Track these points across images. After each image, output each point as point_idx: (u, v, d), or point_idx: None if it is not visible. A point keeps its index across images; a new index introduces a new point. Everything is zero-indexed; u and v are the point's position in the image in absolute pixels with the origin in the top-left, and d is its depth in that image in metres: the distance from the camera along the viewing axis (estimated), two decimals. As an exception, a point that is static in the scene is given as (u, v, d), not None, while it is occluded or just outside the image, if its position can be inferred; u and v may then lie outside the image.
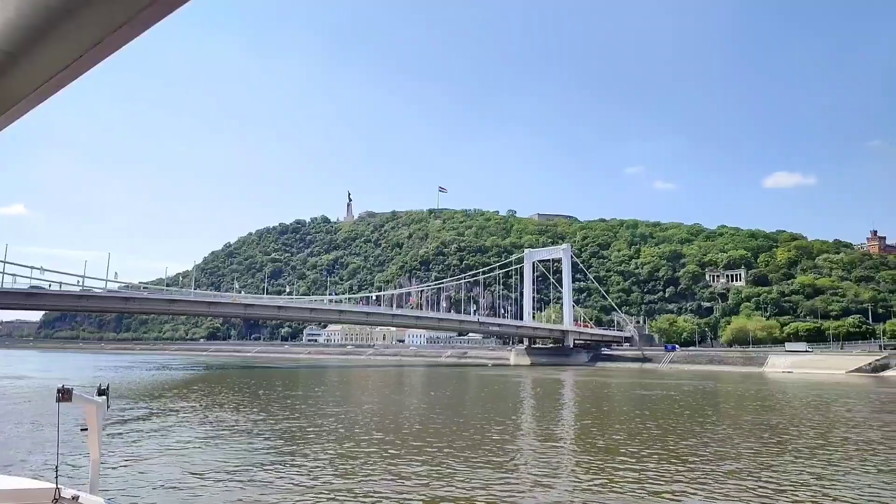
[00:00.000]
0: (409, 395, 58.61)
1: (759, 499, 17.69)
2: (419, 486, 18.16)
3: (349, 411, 39.57)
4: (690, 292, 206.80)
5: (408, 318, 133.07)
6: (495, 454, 23.62)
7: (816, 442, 29.31)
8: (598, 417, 40.44)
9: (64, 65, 3.12)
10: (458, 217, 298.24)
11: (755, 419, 39.97)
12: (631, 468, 21.50)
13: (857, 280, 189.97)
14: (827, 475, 21.14)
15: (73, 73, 3.19)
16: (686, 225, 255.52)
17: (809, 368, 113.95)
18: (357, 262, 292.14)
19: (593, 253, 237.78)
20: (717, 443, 28.37)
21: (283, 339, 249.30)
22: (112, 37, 2.83)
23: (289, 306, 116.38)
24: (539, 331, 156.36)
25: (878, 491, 18.91)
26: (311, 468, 20.39)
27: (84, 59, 3.04)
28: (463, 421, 34.74)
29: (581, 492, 17.78)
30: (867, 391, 70.84)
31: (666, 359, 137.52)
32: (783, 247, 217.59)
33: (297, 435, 27.82)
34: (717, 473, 21.06)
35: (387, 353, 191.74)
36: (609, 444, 27.42)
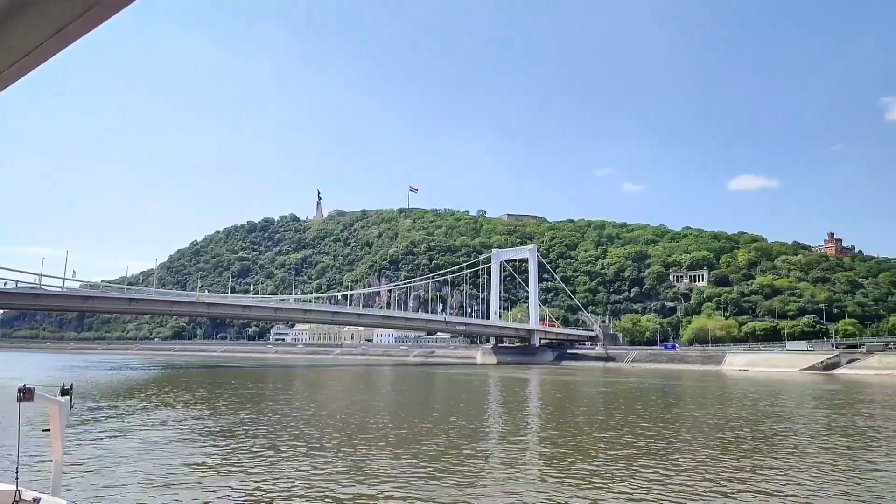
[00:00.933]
0: (374, 394, 58.89)
1: (703, 492, 18.61)
2: (385, 485, 18.34)
3: (312, 412, 39.65)
4: (655, 292, 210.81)
5: (374, 317, 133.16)
6: (457, 456, 24.09)
7: (753, 438, 30.62)
8: (560, 417, 41.39)
9: (24, 53, 3.02)
10: (428, 217, 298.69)
11: (705, 415, 41.43)
12: (588, 466, 22.20)
13: (814, 281, 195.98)
14: (766, 471, 22.26)
15: (34, 61, 3.08)
16: (652, 226, 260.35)
17: (764, 367, 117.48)
18: (326, 261, 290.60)
19: (561, 253, 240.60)
20: (668, 439, 29.43)
21: (250, 338, 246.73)
22: (74, 25, 2.75)
23: (253, 305, 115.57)
24: (505, 330, 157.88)
25: (795, 480, 20.06)
26: (274, 469, 20.43)
27: (45, 46, 2.93)
28: (427, 421, 35.21)
29: (543, 491, 18.28)
30: (815, 388, 73.50)
31: (629, 358, 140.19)
32: (744, 248, 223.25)
33: (259, 435, 27.91)
34: (664, 467, 21.99)
35: (354, 353, 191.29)
36: (569, 442, 28.24)
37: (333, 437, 27.65)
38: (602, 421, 37.99)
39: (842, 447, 27.83)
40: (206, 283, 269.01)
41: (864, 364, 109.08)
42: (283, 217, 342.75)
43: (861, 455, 25.81)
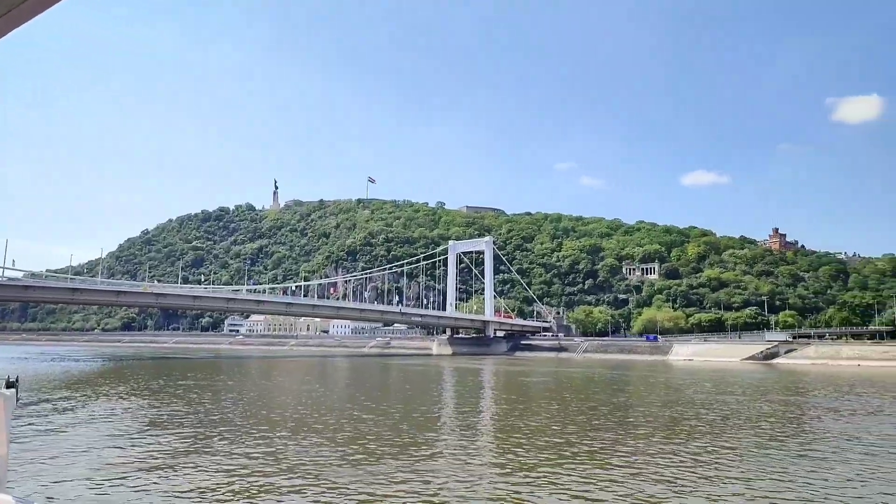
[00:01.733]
0: (325, 386, 58.82)
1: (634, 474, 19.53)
2: (335, 479, 18.15)
3: (259, 404, 39.27)
4: (608, 284, 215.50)
5: (329, 308, 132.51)
6: (405, 445, 24.37)
7: (689, 424, 32.06)
8: (509, 407, 42.31)
9: None
10: (386, 208, 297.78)
11: (643, 403, 43.02)
12: (532, 455, 22.83)
13: (758, 274, 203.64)
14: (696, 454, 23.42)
15: None
16: (607, 220, 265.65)
17: (708, 356, 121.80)
18: (282, 251, 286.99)
19: (518, 245, 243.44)
20: (613, 428, 30.53)
21: (203, 329, 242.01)
22: (22, 7, 2.66)
23: (205, 296, 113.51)
24: (461, 321, 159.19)
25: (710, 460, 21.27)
26: (215, 462, 20.13)
27: None
28: (376, 412, 35.42)
29: (494, 482, 18.44)
30: (750, 376, 76.76)
31: (580, 348, 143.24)
32: (694, 242, 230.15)
33: (201, 429, 27.54)
34: (608, 454, 22.91)
35: (310, 344, 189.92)
36: (517, 432, 28.90)
37: (279, 429, 27.44)
38: (549, 410, 39.08)
39: (748, 428, 29.45)
40: (158, 274, 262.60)
41: (801, 354, 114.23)
42: (239, 206, 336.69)
43: (759, 438, 27.37)
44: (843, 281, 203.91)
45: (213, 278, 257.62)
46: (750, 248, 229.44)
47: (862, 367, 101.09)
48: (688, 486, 18.01)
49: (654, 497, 16.90)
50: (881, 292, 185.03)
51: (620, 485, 18.05)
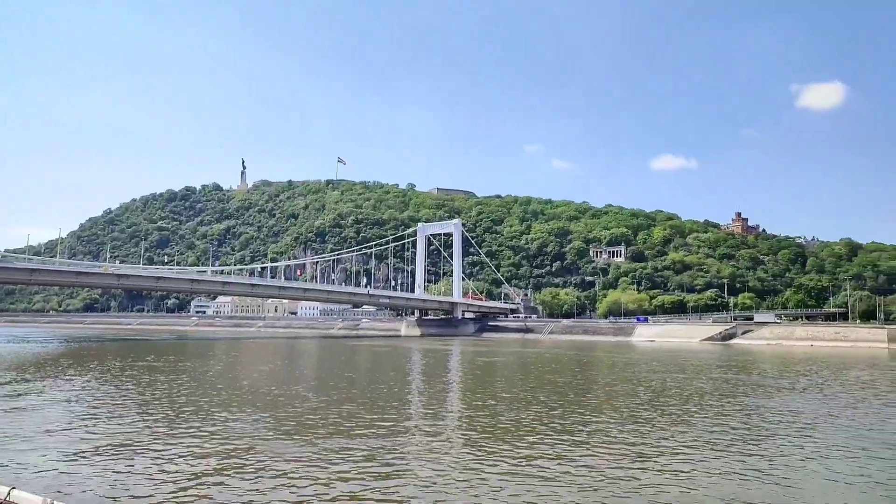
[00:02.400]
0: (290, 368, 58.86)
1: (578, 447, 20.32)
2: (301, 465, 17.86)
3: (220, 387, 38.83)
4: (575, 267, 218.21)
5: (296, 290, 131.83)
6: (374, 424, 24.69)
7: (649, 403, 33.22)
8: (474, 386, 43.14)
9: None
10: (356, 189, 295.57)
11: (605, 380, 44.27)
12: (497, 435, 23.44)
13: (721, 257, 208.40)
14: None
15: None
16: (575, 203, 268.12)
17: (669, 337, 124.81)
18: (250, 232, 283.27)
19: (487, 228, 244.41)
20: (573, 408, 31.45)
21: (169, 310, 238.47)
22: None
23: (168, 277, 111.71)
24: (429, 303, 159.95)
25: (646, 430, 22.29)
26: (175, 446, 19.84)
27: None
28: (342, 394, 35.63)
29: (461, 461, 18.77)
30: (708, 355, 79.18)
31: (546, 330, 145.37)
32: (660, 226, 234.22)
33: (158, 412, 27.11)
34: (572, 432, 23.72)
35: (278, 326, 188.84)
36: (481, 413, 29.58)
37: (241, 413, 27.00)
38: (509, 389, 39.98)
39: (682, 403, 30.76)
40: (122, 254, 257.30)
41: (756, 335, 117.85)
42: (206, 186, 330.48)
43: (684, 412, 28.65)
44: (801, 264, 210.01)
45: (178, 259, 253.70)
46: (713, 231, 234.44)
47: (814, 347, 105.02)
48: (641, 460, 18.94)
49: (598, 468, 17.74)
50: (837, 275, 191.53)
51: (572, 461, 18.84)
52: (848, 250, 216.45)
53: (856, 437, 23.37)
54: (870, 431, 24.87)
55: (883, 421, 27.84)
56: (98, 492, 14.86)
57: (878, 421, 27.76)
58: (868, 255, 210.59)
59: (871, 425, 26.43)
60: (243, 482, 15.87)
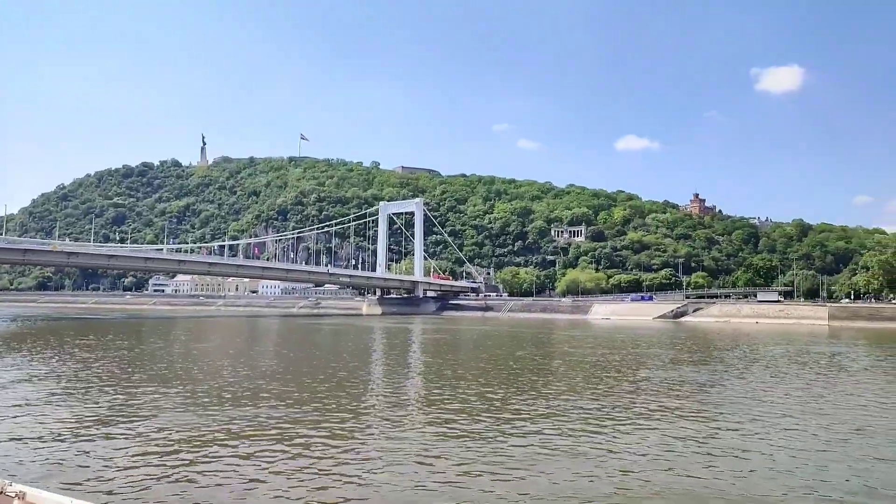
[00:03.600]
0: (247, 345, 58.56)
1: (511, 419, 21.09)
2: (254, 439, 17.81)
3: (166, 365, 38.51)
4: (537, 246, 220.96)
5: (254, 268, 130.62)
6: (331, 400, 24.88)
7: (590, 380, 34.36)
8: (428, 362, 43.82)
9: None
10: (319, 166, 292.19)
11: (553, 356, 45.52)
12: (454, 408, 24.05)
13: (678, 237, 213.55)
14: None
15: None
16: (539, 183, 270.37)
17: (624, 315, 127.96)
18: (210, 209, 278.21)
19: (451, 207, 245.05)
20: (526, 382, 32.34)
21: (126, 289, 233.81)
22: None
23: (120, 255, 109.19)
24: (390, 282, 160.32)
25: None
26: (124, 429, 19.21)
27: None
28: (303, 371, 35.71)
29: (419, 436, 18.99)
30: (657, 331, 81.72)
31: (505, 308, 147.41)
32: (620, 206, 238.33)
33: (118, 394, 26.25)
34: (528, 405, 24.48)
35: (238, 304, 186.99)
36: (434, 387, 30.23)
37: (192, 393, 26.28)
38: (463, 365, 40.84)
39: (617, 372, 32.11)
40: (76, 231, 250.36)
41: (706, 312, 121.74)
42: (164, 162, 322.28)
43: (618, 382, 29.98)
44: (753, 244, 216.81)
45: (136, 237, 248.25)
46: (672, 212, 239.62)
47: (760, 324, 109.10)
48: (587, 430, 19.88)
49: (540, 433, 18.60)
50: (787, 255, 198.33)
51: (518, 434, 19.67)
52: (798, 231, 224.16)
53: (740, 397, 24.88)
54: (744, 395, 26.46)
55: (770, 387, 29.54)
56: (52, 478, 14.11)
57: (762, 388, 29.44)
58: (817, 236, 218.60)
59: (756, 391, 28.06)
60: (189, 464, 15.50)
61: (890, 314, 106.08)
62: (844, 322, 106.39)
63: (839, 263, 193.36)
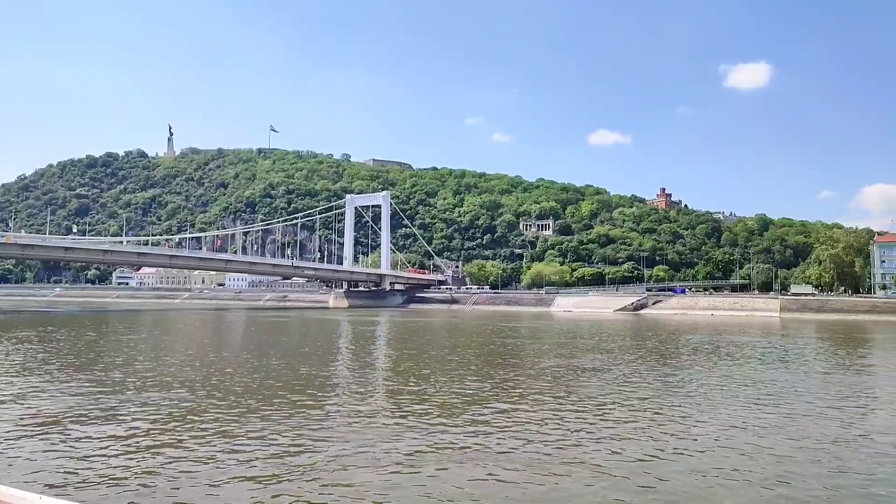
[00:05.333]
0: (214, 340, 58.29)
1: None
2: (216, 431, 17.76)
3: (121, 360, 38.04)
4: (505, 240, 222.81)
5: (218, 261, 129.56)
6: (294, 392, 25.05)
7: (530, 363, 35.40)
8: (389, 354, 44.41)
9: None
10: (289, 158, 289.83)
11: (513, 345, 46.54)
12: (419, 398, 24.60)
13: (643, 231, 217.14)
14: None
15: None
16: (509, 176, 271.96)
17: (586, 308, 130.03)
18: (177, 201, 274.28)
19: (421, 200, 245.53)
20: (489, 372, 33.10)
21: (90, 281, 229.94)
22: None
23: (77, 248, 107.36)
24: (357, 275, 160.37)
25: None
26: (94, 430, 18.40)
27: None
28: (255, 364, 35.60)
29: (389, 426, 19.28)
30: (614, 323, 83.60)
31: (471, 300, 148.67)
32: (588, 200, 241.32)
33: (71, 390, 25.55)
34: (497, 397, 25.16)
35: (204, 297, 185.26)
36: (394, 378, 30.61)
37: (153, 388, 25.63)
38: (420, 356, 41.54)
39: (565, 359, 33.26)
40: (38, 223, 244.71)
41: (665, 305, 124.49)
42: (129, 152, 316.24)
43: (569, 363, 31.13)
44: (716, 238, 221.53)
45: (100, 229, 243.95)
46: (639, 206, 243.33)
47: (715, 315, 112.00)
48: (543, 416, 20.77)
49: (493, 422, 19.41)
50: (748, 249, 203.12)
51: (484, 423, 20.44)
52: (760, 225, 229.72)
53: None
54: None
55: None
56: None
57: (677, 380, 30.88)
58: (777, 231, 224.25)
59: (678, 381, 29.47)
60: (151, 458, 15.23)
61: (837, 306, 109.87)
62: (795, 314, 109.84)
63: (798, 257, 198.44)
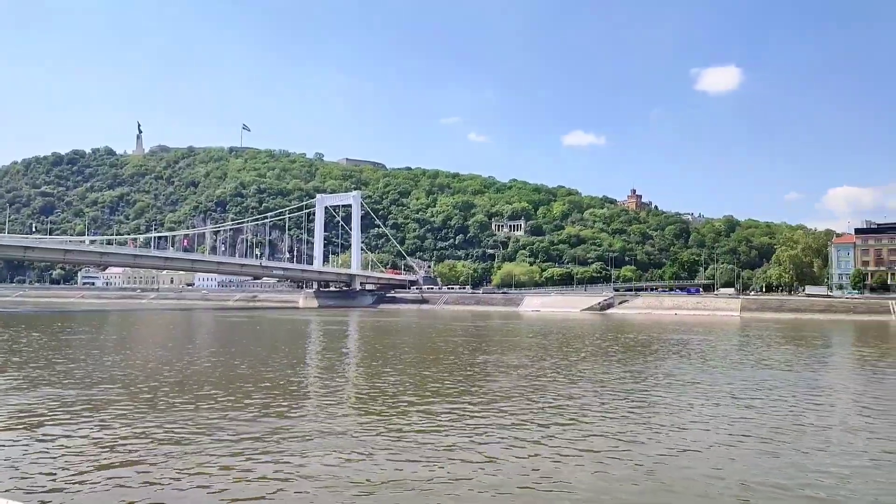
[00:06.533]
0: (182, 341, 57.58)
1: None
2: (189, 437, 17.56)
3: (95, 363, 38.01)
4: (477, 240, 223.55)
5: (183, 261, 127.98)
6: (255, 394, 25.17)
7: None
8: (356, 354, 44.38)
9: None
10: (261, 157, 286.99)
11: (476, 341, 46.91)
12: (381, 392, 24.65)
13: (613, 232, 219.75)
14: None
15: None
16: (482, 177, 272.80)
17: (554, 307, 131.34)
18: (146, 199, 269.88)
19: (394, 200, 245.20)
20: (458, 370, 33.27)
21: (55, 281, 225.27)
22: None
23: (36, 247, 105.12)
24: (326, 274, 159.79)
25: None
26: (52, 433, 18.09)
27: None
28: (208, 365, 35.57)
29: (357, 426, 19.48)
30: (580, 322, 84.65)
31: (441, 300, 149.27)
32: (560, 201, 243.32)
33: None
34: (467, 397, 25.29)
35: (171, 297, 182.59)
36: (362, 376, 30.65)
37: (111, 392, 25.04)
38: (383, 356, 41.65)
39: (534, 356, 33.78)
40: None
41: (630, 305, 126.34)
42: (97, 150, 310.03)
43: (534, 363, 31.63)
44: (685, 239, 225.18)
45: (65, 227, 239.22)
46: (609, 207, 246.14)
47: (678, 315, 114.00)
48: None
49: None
50: (715, 250, 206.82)
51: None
52: (727, 226, 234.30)
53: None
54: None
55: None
56: None
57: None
58: (744, 232, 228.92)
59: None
60: (112, 465, 15.01)
61: (795, 305, 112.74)
62: (755, 313, 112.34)
63: (763, 258, 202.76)
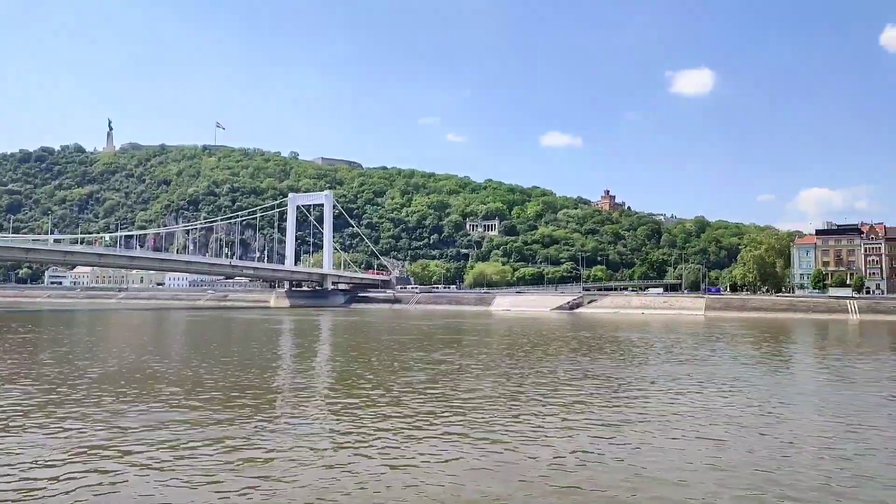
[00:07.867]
0: (144, 342, 56.85)
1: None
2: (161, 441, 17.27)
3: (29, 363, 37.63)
4: (452, 240, 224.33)
5: (150, 260, 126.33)
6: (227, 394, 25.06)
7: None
8: (326, 354, 44.41)
9: None
10: (235, 156, 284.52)
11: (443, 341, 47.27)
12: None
13: (586, 232, 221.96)
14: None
15: None
16: (457, 177, 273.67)
17: (524, 307, 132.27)
18: (116, 198, 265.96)
19: (369, 200, 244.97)
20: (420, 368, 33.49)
21: (21, 280, 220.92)
22: None
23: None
24: (297, 274, 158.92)
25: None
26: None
27: None
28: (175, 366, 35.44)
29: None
30: (555, 322, 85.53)
31: (413, 300, 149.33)
32: (534, 201, 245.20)
33: None
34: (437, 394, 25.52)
35: (141, 297, 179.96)
36: (322, 375, 30.75)
37: (75, 393, 24.61)
38: (345, 355, 41.72)
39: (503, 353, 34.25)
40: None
41: (599, 304, 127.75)
42: (66, 147, 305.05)
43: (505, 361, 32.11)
44: (656, 239, 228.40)
45: (32, 225, 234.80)
46: (583, 207, 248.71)
47: (645, 314, 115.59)
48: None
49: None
50: (686, 250, 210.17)
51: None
52: (697, 227, 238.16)
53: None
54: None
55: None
56: None
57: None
58: (714, 232, 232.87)
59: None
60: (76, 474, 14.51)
61: (757, 304, 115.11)
62: (719, 312, 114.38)
63: (731, 258, 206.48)
